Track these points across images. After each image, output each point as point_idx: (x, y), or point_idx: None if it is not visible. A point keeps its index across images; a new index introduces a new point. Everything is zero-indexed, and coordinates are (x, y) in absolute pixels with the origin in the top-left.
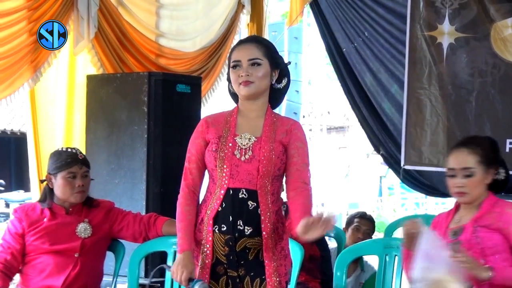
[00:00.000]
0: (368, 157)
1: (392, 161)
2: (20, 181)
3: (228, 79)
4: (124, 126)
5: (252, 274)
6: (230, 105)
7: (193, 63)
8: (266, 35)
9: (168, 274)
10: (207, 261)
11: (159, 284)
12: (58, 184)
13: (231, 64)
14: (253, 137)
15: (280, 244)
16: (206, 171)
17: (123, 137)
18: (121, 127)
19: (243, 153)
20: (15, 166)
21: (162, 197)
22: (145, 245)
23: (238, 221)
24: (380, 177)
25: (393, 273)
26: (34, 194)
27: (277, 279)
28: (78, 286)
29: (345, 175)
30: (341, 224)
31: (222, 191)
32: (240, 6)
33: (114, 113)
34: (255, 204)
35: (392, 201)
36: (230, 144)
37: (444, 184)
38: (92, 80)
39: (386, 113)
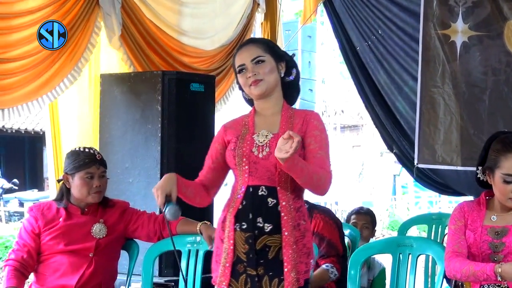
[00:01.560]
0: (381, 156)
1: (405, 160)
2: (34, 180)
3: (240, 87)
4: (138, 125)
5: (270, 273)
6: (243, 104)
7: (213, 61)
8: (280, 34)
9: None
10: (228, 259)
11: (173, 283)
12: (76, 184)
13: (237, 70)
14: (270, 134)
15: (302, 241)
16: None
17: (137, 136)
18: (135, 126)
19: (261, 150)
20: (29, 166)
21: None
22: (159, 244)
23: (258, 219)
24: (394, 175)
25: (406, 272)
26: (52, 192)
27: (295, 276)
28: (92, 285)
29: (359, 174)
30: None
31: (243, 189)
32: (255, 5)
33: (128, 112)
34: (275, 201)
35: (406, 199)
36: (248, 142)
37: (458, 183)
38: (106, 79)
39: (400, 112)
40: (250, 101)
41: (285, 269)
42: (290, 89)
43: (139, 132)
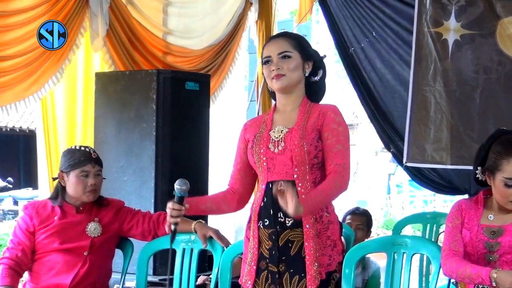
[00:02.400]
0: (376, 155)
1: (402, 159)
2: (28, 179)
3: (264, 79)
4: (132, 123)
5: (292, 271)
6: (239, 103)
7: (200, 61)
8: (275, 33)
9: (176, 271)
10: (254, 258)
11: (167, 282)
12: (71, 182)
13: (263, 61)
14: (286, 129)
15: (325, 234)
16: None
17: (131, 135)
18: (130, 125)
19: (276, 145)
20: (24, 164)
21: (171, 195)
22: (153, 243)
23: (279, 214)
24: (389, 174)
25: (401, 271)
26: (42, 192)
27: (317, 269)
28: (87, 284)
29: (354, 173)
30: None
31: (263, 186)
32: (248, 4)
33: (122, 111)
34: None
35: (401, 198)
36: (265, 139)
37: (453, 181)
38: (100, 77)
39: (394, 111)
40: (273, 94)
41: (307, 262)
42: (313, 89)
43: (134, 131)
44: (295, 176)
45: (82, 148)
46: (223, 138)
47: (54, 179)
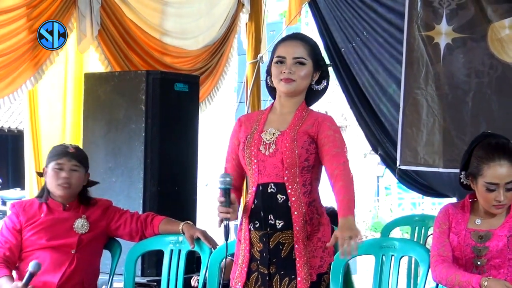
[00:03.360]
0: (365, 157)
1: (390, 161)
2: (17, 179)
3: (268, 72)
4: (121, 124)
5: (282, 272)
6: (228, 104)
7: (197, 61)
8: (264, 35)
9: (164, 272)
10: (245, 260)
11: (155, 283)
12: (48, 176)
13: (275, 60)
14: (278, 131)
15: (316, 236)
16: None
17: (120, 136)
18: (119, 126)
19: (267, 148)
20: (12, 164)
21: (160, 196)
22: (141, 244)
23: (269, 216)
24: (377, 177)
25: (389, 274)
26: (29, 192)
27: (308, 271)
28: (75, 283)
29: None
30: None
31: (254, 188)
32: (240, 5)
33: (111, 112)
34: (284, 197)
35: (389, 201)
36: (256, 141)
37: (440, 184)
38: (89, 78)
39: (384, 113)
40: (272, 90)
41: (297, 264)
42: (312, 95)
43: (123, 132)
44: (285, 178)
45: (63, 144)
46: (212, 138)
47: (38, 173)
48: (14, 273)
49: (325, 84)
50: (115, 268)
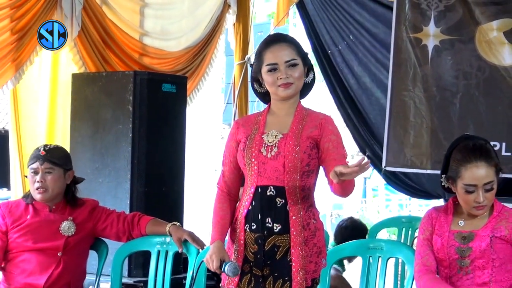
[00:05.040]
0: (352, 158)
1: (377, 163)
2: (3, 179)
3: (254, 79)
4: (108, 125)
5: (276, 274)
6: (216, 105)
7: (178, 63)
8: (252, 36)
9: (151, 273)
10: (237, 261)
11: (142, 284)
12: (28, 180)
13: (268, 68)
14: (280, 134)
15: (312, 241)
16: None
17: (107, 136)
18: (106, 126)
19: (269, 150)
20: None
21: (147, 196)
22: (128, 245)
23: (267, 219)
24: (365, 178)
25: (376, 275)
26: (14, 192)
27: (304, 276)
28: (61, 285)
29: None
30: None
31: (252, 190)
32: (226, 6)
33: (99, 112)
34: (283, 201)
35: (376, 202)
36: (257, 142)
37: (429, 186)
38: (77, 78)
39: (371, 115)
40: (261, 95)
41: (293, 269)
42: (304, 89)
43: (110, 132)
44: (285, 182)
45: (40, 146)
46: (199, 140)
47: (26, 176)
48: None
49: (312, 75)
50: (102, 269)
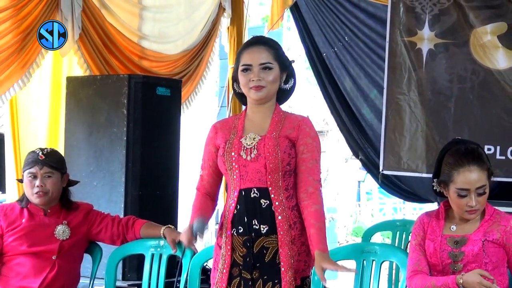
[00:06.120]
0: (346, 162)
1: (371, 166)
2: None
3: (234, 79)
4: (103, 128)
5: (265, 277)
6: (210, 108)
7: (175, 66)
8: (246, 39)
9: (145, 277)
10: (226, 265)
11: (136, 287)
12: (24, 184)
13: (242, 68)
14: (258, 136)
15: (300, 240)
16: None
17: (102, 139)
18: (100, 129)
19: (249, 153)
20: None
21: (141, 199)
22: (122, 248)
23: (253, 221)
24: (359, 182)
25: (370, 278)
26: (10, 195)
27: (293, 275)
28: None
29: (324, 180)
30: None
31: (236, 193)
32: (221, 9)
33: (93, 115)
34: (268, 201)
35: (370, 206)
36: (236, 146)
37: (423, 189)
38: (72, 81)
39: (365, 118)
40: (240, 96)
41: (282, 269)
42: (283, 95)
43: (104, 135)
44: (268, 183)
45: (36, 150)
46: (193, 143)
47: (19, 180)
48: None
49: (292, 82)
50: (96, 272)
